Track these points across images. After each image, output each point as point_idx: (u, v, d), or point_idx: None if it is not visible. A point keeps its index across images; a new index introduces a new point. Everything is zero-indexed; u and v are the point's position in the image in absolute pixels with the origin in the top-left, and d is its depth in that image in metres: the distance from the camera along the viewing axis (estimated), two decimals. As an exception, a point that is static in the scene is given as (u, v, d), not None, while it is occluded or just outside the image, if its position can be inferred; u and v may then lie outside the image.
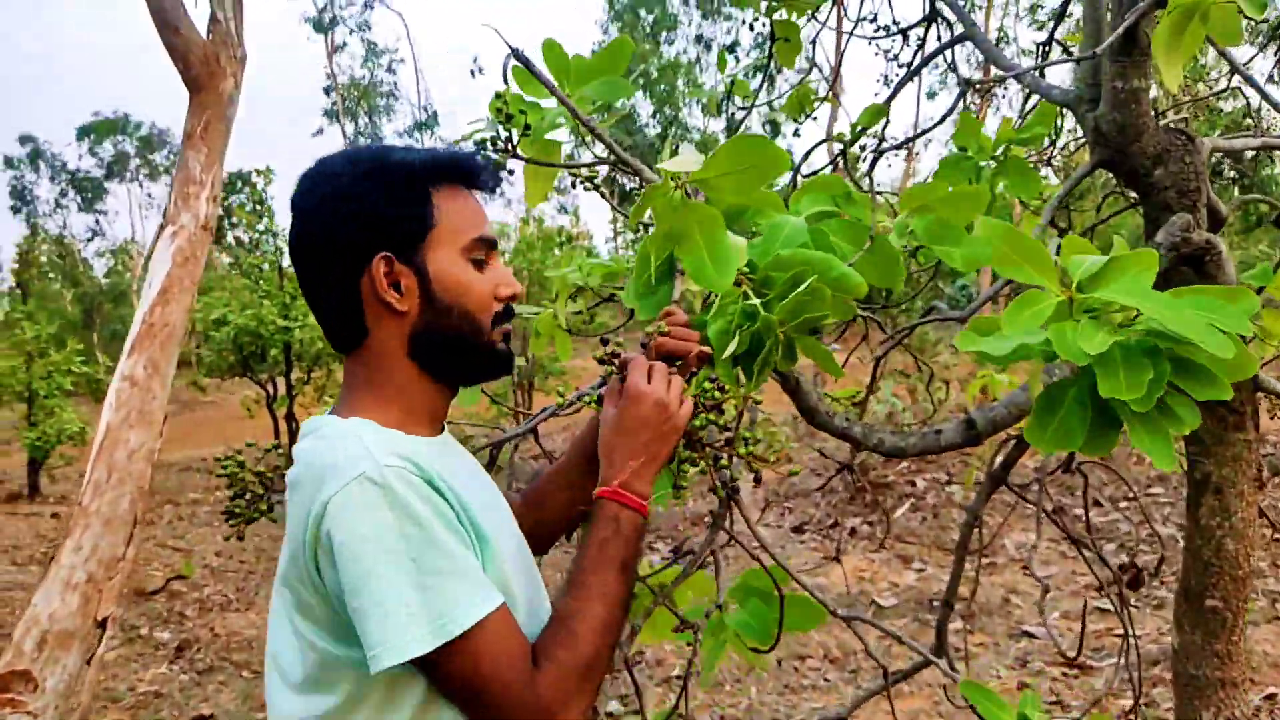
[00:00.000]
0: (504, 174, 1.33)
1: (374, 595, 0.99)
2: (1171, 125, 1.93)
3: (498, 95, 1.68)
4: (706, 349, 1.31)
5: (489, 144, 1.75)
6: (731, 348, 1.28)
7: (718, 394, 1.28)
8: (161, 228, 2.51)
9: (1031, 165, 2.01)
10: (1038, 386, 1.49)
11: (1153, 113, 1.93)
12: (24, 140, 42.72)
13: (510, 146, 1.77)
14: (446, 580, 1.01)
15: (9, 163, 42.26)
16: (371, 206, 1.15)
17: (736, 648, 1.48)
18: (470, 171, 1.24)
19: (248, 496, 1.51)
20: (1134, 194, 3.15)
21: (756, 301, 1.30)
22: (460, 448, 1.34)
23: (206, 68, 2.60)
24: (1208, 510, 1.85)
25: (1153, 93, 2.00)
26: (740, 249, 1.38)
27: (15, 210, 42.41)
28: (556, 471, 1.48)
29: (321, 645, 1.07)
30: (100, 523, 2.13)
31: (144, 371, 2.32)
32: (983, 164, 2.18)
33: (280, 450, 1.60)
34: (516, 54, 1.61)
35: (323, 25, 32.96)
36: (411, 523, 1.01)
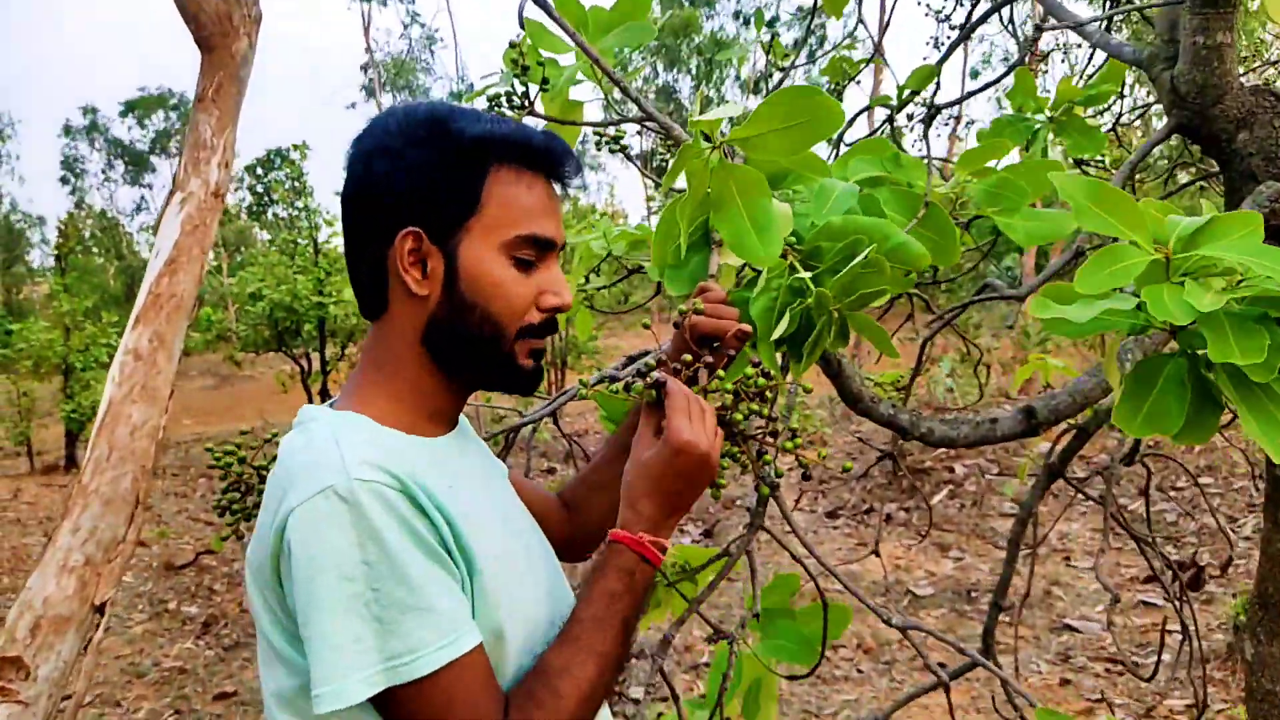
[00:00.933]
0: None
1: (322, 626, 0.87)
2: (1258, 85, 1.75)
3: (512, 45, 1.54)
4: (747, 327, 1.16)
5: (504, 100, 1.61)
6: (781, 328, 1.14)
7: (762, 380, 1.11)
8: (170, 194, 2.40)
9: (1096, 126, 1.84)
10: (1114, 367, 1.33)
11: (1236, 72, 1.75)
12: (86, 111, 43.17)
13: (527, 103, 1.63)
14: (409, 616, 0.89)
15: (67, 130, 42.73)
16: (413, 171, 1.02)
17: (769, 679, 1.35)
18: (545, 155, 1.06)
19: (243, 490, 1.39)
20: (1208, 166, 2.95)
21: (806, 275, 1.15)
22: (476, 443, 1.21)
23: (219, 27, 2.49)
24: (1290, 510, 1.68)
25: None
26: (785, 216, 1.23)
27: (64, 181, 42.94)
28: (593, 470, 1.35)
29: (289, 655, 0.95)
30: (100, 503, 2.03)
31: (149, 345, 2.21)
32: (1037, 126, 2.01)
33: (278, 441, 1.48)
34: (535, -1, 1.47)
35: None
36: (375, 546, 0.89)
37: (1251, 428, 0.99)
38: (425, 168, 1.01)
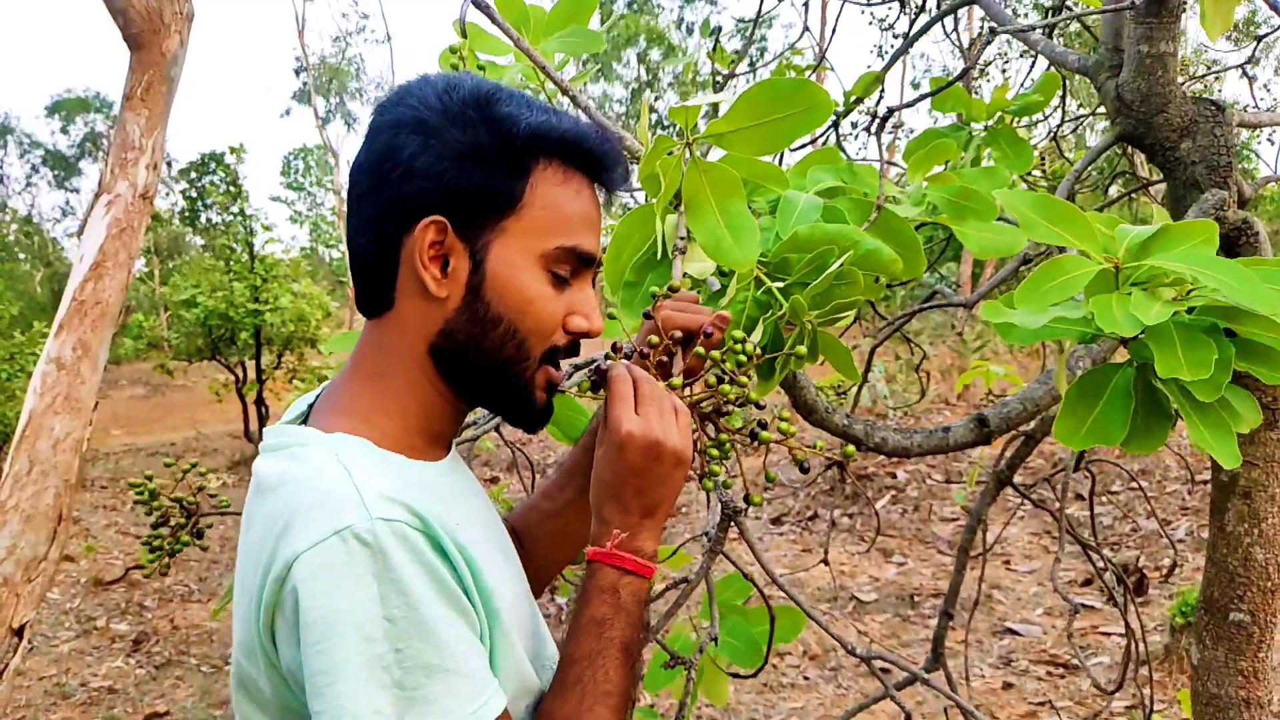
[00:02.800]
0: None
1: (338, 699, 0.74)
2: (1200, 95, 1.77)
3: (451, 49, 1.49)
4: (727, 314, 1.04)
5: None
6: (757, 336, 1.09)
7: (743, 358, 1.00)
8: (96, 196, 2.31)
9: (1023, 136, 1.84)
10: (1064, 376, 1.32)
11: (1178, 82, 1.77)
12: None
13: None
14: (436, 680, 0.77)
15: (-23, 135, 41.36)
16: (446, 152, 0.87)
17: (710, 671, 1.32)
18: (599, 158, 0.93)
19: (170, 525, 1.32)
20: (1144, 177, 3.01)
21: (775, 287, 1.11)
22: (466, 469, 1.07)
23: (149, 24, 2.40)
24: (1235, 515, 1.70)
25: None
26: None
27: (-16, 186, 41.58)
28: (543, 495, 1.20)
29: None
30: (20, 520, 1.93)
31: (72, 354, 2.12)
32: (971, 136, 2.01)
33: (202, 471, 1.40)
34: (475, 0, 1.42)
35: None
36: (401, 600, 0.76)
37: (1202, 437, 0.99)
38: (465, 151, 0.87)
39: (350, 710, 0.74)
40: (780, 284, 1.10)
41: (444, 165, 0.87)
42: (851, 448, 1.13)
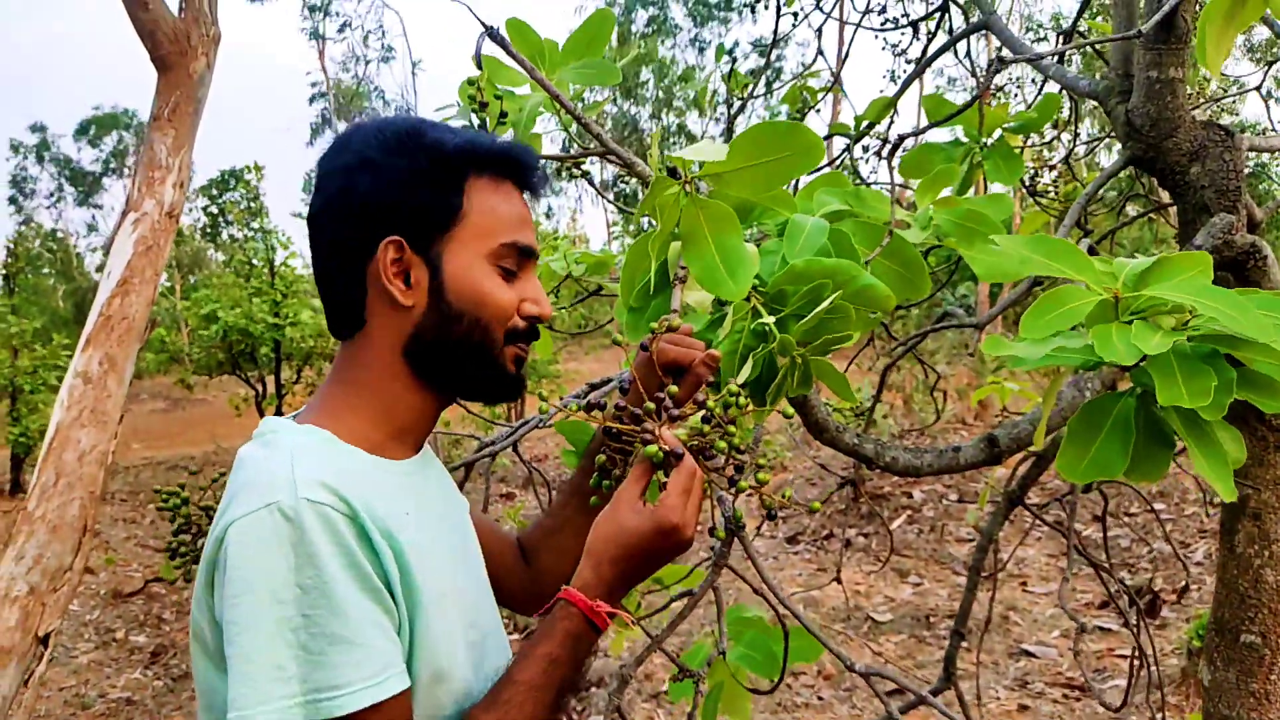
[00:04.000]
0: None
1: (245, 647, 0.84)
2: (1209, 120, 1.79)
3: (470, 81, 1.53)
4: (716, 353, 1.13)
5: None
6: (744, 374, 1.13)
7: (735, 410, 1.06)
8: (124, 214, 2.36)
9: (1018, 153, 1.87)
10: (1052, 403, 1.34)
11: (1188, 107, 1.79)
12: (35, 129, 42.41)
13: (487, 134, 1.62)
14: (338, 649, 0.85)
15: (15, 148, 41.89)
16: (392, 181, 1.00)
17: (732, 688, 1.34)
18: (519, 165, 1.07)
19: (193, 532, 1.36)
20: (1157, 198, 3.02)
21: (769, 320, 1.14)
22: (438, 472, 1.16)
23: (176, 46, 2.46)
24: (1245, 537, 1.70)
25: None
26: (753, 257, 1.22)
27: (13, 201, 42.11)
28: (549, 515, 1.30)
29: (211, 679, 0.93)
30: (46, 530, 1.97)
31: (99, 368, 2.16)
32: (969, 152, 2.03)
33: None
34: (491, 33, 1.45)
35: (317, 32, 32.60)
36: (313, 571, 0.85)
37: (1202, 466, 1.00)
38: (406, 177, 1.00)
39: (254, 660, 0.83)
40: (776, 316, 1.13)
41: (393, 192, 1.00)
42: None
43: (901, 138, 1.34)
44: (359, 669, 0.85)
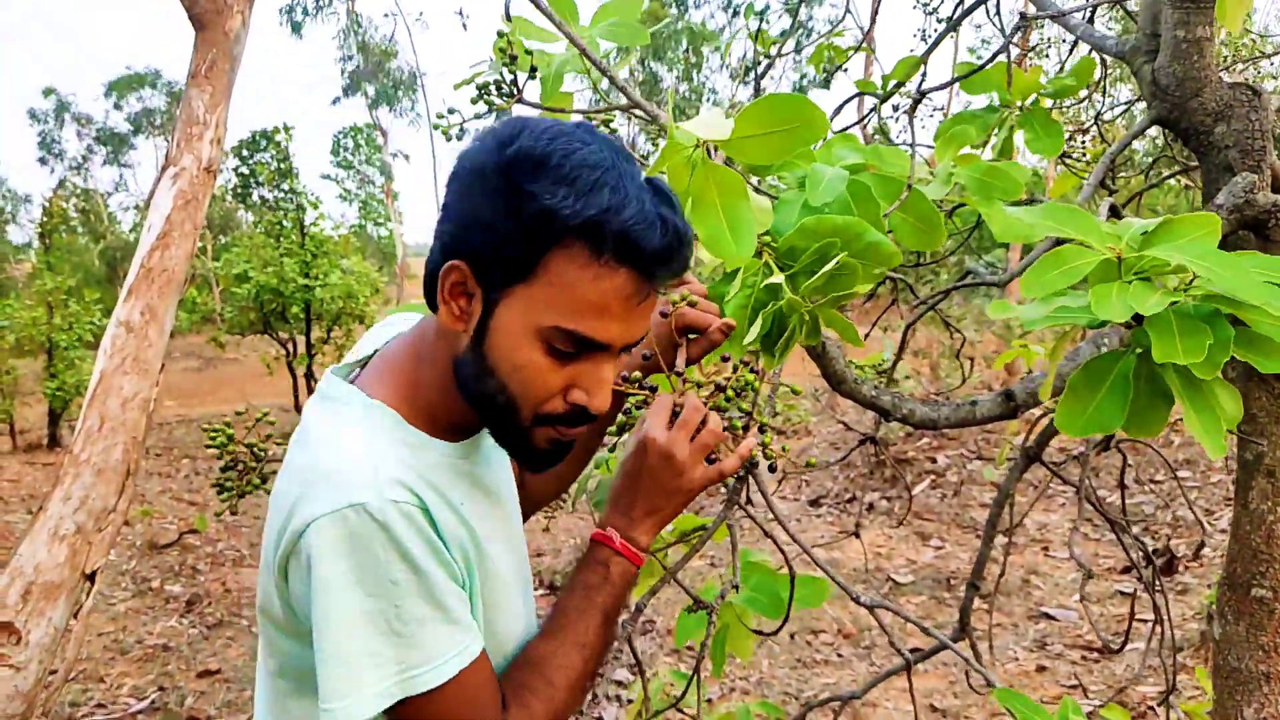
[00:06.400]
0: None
1: (338, 643, 0.89)
2: (1236, 81, 1.79)
3: (501, 34, 1.56)
4: (731, 321, 1.18)
5: (492, 88, 1.63)
6: (754, 332, 1.17)
7: (749, 375, 1.16)
8: (163, 169, 2.42)
9: (1060, 121, 1.87)
10: (1059, 358, 1.36)
11: (1215, 66, 1.79)
12: (47, 93, 42.70)
13: (516, 91, 1.65)
14: (428, 628, 0.91)
15: (34, 116, 42.23)
16: (477, 211, 0.93)
17: (738, 629, 1.39)
18: (637, 252, 0.90)
19: (239, 468, 1.43)
20: (1187, 161, 3.00)
21: (780, 279, 1.18)
22: (494, 448, 1.13)
23: (213, 4, 2.50)
24: (1259, 494, 1.73)
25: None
26: (764, 212, 1.26)
27: (43, 162, 42.48)
28: None
29: (283, 644, 1.01)
30: (91, 472, 2.05)
31: (140, 318, 2.23)
32: (1005, 118, 2.03)
33: (271, 420, 1.51)
34: (526, -15, 1.48)
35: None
36: (405, 565, 0.90)
37: (1193, 423, 1.03)
38: (484, 216, 0.92)
39: (347, 652, 0.88)
40: (787, 272, 1.17)
41: (468, 220, 0.94)
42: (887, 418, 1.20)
43: (922, 94, 1.36)
44: (447, 641, 0.92)
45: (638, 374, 1.15)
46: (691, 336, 1.21)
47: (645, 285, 0.93)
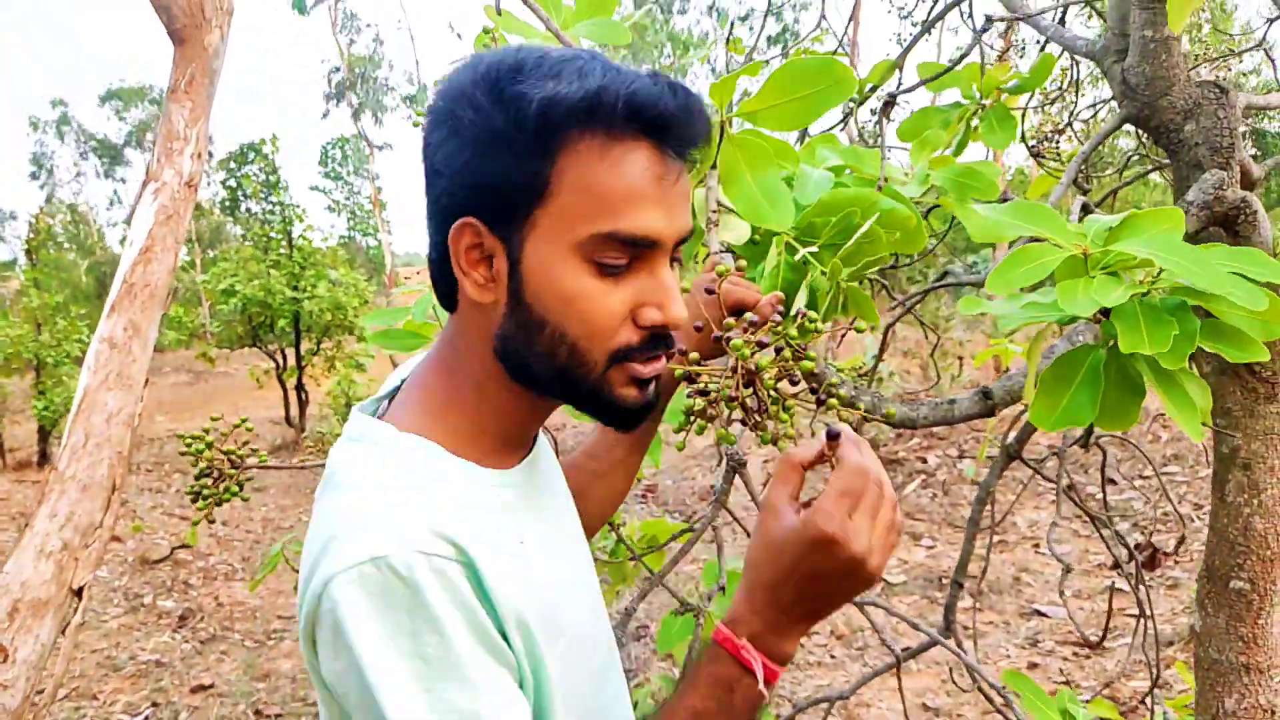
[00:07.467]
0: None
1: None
2: (1204, 79, 1.81)
3: (485, 30, 1.57)
4: (780, 294, 1.05)
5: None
6: (800, 302, 1.17)
7: (816, 330, 0.99)
8: (144, 184, 2.43)
9: (1012, 115, 1.90)
10: (1038, 357, 1.38)
11: (1184, 65, 1.82)
12: (55, 104, 42.61)
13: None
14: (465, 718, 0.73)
15: (34, 124, 42.12)
16: (468, 144, 0.79)
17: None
18: (650, 114, 0.77)
19: (214, 476, 1.42)
20: (1161, 158, 3.03)
21: (806, 252, 1.20)
22: (549, 464, 1.00)
23: (191, 19, 2.51)
24: (1235, 487, 1.75)
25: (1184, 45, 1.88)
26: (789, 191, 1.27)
27: (34, 177, 42.39)
28: (591, 456, 1.17)
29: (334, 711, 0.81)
30: (77, 488, 2.06)
31: (124, 333, 2.24)
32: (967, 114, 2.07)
33: (250, 427, 1.51)
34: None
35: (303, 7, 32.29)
36: (436, 638, 0.72)
37: (1173, 411, 1.05)
38: (481, 137, 0.78)
39: None
40: (811, 249, 1.18)
41: (464, 157, 0.79)
42: (892, 409, 1.22)
43: (892, 96, 1.38)
44: None
45: (696, 354, 0.95)
46: (742, 314, 1.03)
47: (672, 161, 0.80)
